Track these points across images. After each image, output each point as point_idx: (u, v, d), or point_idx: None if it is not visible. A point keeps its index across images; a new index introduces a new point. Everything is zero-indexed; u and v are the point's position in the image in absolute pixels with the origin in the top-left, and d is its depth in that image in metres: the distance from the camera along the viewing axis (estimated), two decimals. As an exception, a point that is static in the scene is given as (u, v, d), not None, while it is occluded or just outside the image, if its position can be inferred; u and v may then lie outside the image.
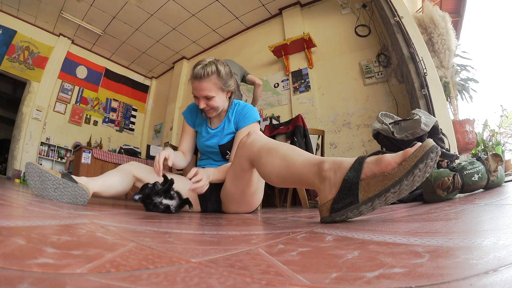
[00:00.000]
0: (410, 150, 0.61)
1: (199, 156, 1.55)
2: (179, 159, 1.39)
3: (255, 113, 1.40)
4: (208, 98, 1.29)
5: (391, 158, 0.63)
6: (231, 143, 1.40)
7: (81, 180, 1.06)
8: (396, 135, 1.81)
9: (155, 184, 1.12)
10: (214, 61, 1.29)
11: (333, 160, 0.72)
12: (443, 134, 1.88)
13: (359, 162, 0.67)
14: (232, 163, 1.13)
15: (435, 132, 1.78)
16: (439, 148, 0.60)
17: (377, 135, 1.98)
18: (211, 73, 1.25)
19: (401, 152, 0.63)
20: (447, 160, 1.82)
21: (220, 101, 1.32)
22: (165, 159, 1.19)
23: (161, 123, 5.98)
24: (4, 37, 4.66)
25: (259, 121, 1.41)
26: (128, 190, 1.31)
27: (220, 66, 1.28)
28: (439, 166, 1.81)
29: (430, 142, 0.60)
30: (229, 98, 1.41)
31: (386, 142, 1.92)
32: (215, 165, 1.41)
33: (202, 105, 1.30)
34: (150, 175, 1.29)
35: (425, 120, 1.73)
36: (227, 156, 1.42)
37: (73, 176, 1.04)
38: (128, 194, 0.99)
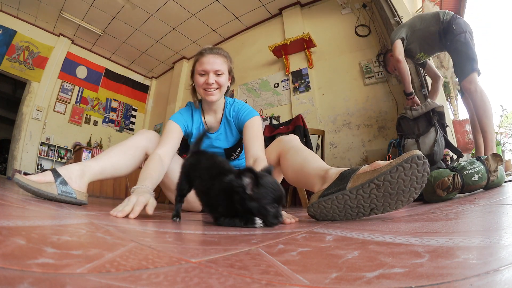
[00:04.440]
0: (399, 156, 0.73)
1: None
2: (158, 174, 1.08)
3: (254, 110, 1.37)
4: (218, 74, 1.24)
5: (383, 162, 0.76)
6: (236, 146, 1.38)
7: (74, 171, 1.02)
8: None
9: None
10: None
11: (340, 168, 0.86)
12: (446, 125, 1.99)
13: (358, 167, 0.81)
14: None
15: (441, 118, 1.96)
16: (425, 158, 0.71)
17: (398, 123, 2.12)
18: (223, 53, 1.28)
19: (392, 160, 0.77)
20: (451, 155, 1.91)
21: (225, 82, 1.29)
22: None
23: (161, 123, 5.98)
24: (4, 37, 4.66)
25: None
26: (135, 169, 1.26)
27: (225, 52, 1.31)
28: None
29: (417, 151, 0.71)
30: (228, 86, 1.34)
31: (403, 126, 2.10)
32: None
33: (212, 79, 1.23)
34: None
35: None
36: (231, 157, 1.40)
37: (64, 167, 1.03)
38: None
